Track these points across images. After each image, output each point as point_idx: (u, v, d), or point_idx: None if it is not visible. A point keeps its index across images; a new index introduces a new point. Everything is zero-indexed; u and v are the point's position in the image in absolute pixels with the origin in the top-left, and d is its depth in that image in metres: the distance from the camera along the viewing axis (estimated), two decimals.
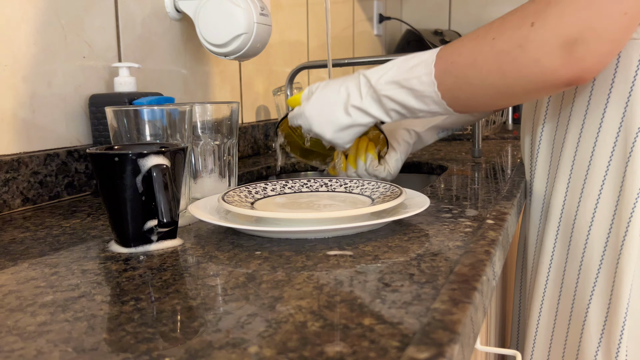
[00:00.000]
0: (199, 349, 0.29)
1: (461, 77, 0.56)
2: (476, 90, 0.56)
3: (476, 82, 0.55)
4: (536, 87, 0.53)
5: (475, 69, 0.55)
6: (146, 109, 0.56)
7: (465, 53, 0.56)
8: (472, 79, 0.56)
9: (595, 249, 0.63)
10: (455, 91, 0.57)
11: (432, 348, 0.29)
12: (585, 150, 0.63)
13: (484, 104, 0.59)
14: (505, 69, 0.53)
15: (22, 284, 0.40)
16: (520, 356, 0.61)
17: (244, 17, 0.81)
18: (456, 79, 0.56)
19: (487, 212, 0.58)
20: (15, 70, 0.66)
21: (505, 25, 0.53)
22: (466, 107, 0.59)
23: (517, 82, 0.53)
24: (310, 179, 0.66)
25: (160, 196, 0.45)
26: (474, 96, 0.57)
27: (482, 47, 0.54)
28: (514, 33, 0.51)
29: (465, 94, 0.57)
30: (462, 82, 0.56)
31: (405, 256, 0.44)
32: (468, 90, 0.57)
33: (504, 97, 0.56)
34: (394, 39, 2.25)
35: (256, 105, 1.24)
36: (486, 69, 0.54)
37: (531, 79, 0.52)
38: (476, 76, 0.55)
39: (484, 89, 0.56)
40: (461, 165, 0.92)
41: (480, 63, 0.54)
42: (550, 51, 0.49)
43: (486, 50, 0.54)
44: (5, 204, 0.64)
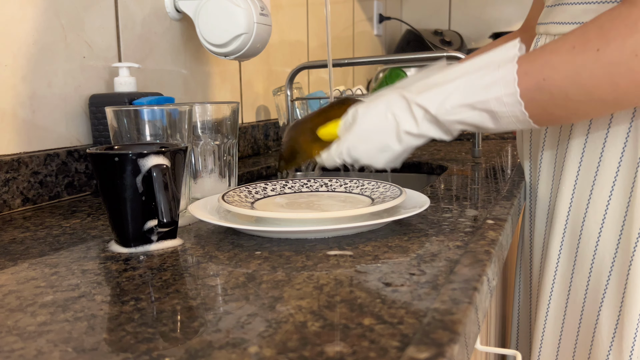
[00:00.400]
0: (199, 349, 0.29)
1: (559, 94, 0.51)
2: (578, 105, 0.52)
3: (579, 98, 0.51)
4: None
5: (579, 85, 0.50)
6: (146, 109, 0.56)
7: (561, 68, 0.51)
8: (574, 95, 0.51)
9: (607, 252, 0.62)
10: (550, 108, 0.52)
11: (432, 348, 0.29)
12: (593, 152, 0.62)
13: (584, 116, 0.55)
14: (618, 81, 0.48)
15: (22, 284, 0.40)
16: (520, 356, 0.61)
17: (244, 17, 0.81)
18: (552, 96, 0.51)
19: (487, 212, 0.58)
20: (15, 70, 0.66)
21: (609, 34, 0.48)
22: (559, 121, 0.56)
23: (631, 93, 0.49)
24: (310, 179, 0.66)
25: (160, 196, 0.45)
26: (574, 112, 0.53)
27: (585, 61, 0.49)
28: (624, 41, 0.47)
29: (562, 110, 0.52)
30: (560, 98, 0.51)
31: (405, 256, 0.44)
32: (567, 106, 0.52)
33: (611, 108, 0.52)
34: (394, 39, 2.25)
35: (256, 105, 1.24)
36: (593, 83, 0.50)
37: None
38: (580, 92, 0.50)
39: (589, 104, 0.51)
40: (461, 165, 0.92)
41: (585, 78, 0.50)
42: None
43: (590, 62, 0.49)
44: (5, 204, 0.64)
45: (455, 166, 0.92)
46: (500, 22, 2.13)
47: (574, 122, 0.57)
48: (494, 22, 2.14)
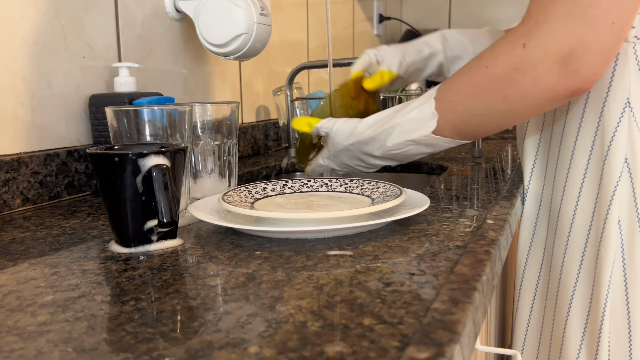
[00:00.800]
0: (199, 349, 0.29)
1: (464, 111, 0.58)
2: (482, 119, 0.58)
3: (480, 112, 0.57)
4: (539, 104, 0.54)
5: (477, 99, 0.56)
6: (146, 109, 0.56)
7: (461, 87, 0.57)
8: (475, 110, 0.57)
9: (577, 245, 0.65)
10: (461, 125, 0.59)
11: (432, 348, 0.29)
12: (566, 149, 0.66)
13: (492, 129, 0.60)
14: (506, 93, 0.54)
15: (22, 284, 0.40)
16: (520, 356, 0.61)
17: (244, 17, 0.81)
18: (458, 114, 0.58)
19: (487, 212, 0.58)
20: (15, 70, 0.66)
21: (495, 51, 0.54)
22: (474, 135, 0.61)
23: (520, 103, 0.54)
24: (310, 179, 0.66)
25: (160, 196, 0.45)
26: (481, 125, 0.59)
27: (478, 78, 0.56)
28: (507, 57, 0.53)
29: (471, 125, 0.59)
30: (466, 115, 0.58)
31: (405, 256, 0.44)
32: (474, 122, 0.58)
33: (510, 119, 0.58)
34: (394, 39, 2.25)
35: (256, 105, 1.24)
36: (488, 97, 0.55)
37: (533, 98, 0.53)
38: (479, 106, 0.57)
39: (489, 117, 0.57)
40: (461, 165, 0.92)
41: (480, 93, 0.56)
42: (546, 69, 0.51)
43: (482, 79, 0.55)
44: (5, 204, 0.64)
45: (455, 166, 0.92)
46: (500, 22, 2.13)
47: (488, 134, 0.62)
48: (494, 22, 2.14)
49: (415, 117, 0.61)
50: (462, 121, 0.59)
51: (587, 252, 0.64)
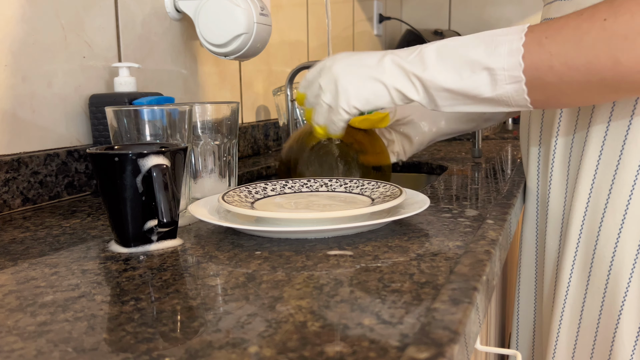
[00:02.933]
0: (199, 349, 0.29)
1: (557, 55, 0.48)
2: (574, 75, 0.48)
3: (577, 66, 0.47)
4: None
5: (579, 50, 0.47)
6: (146, 109, 0.56)
7: (565, 30, 0.48)
8: (572, 60, 0.47)
9: (627, 255, 0.59)
10: (545, 72, 0.49)
11: (432, 348, 0.29)
12: (613, 149, 0.59)
13: (574, 94, 0.50)
14: (619, 56, 0.46)
15: (22, 284, 0.40)
16: (520, 356, 0.61)
17: (244, 17, 0.81)
18: (550, 55, 0.48)
19: (487, 212, 0.58)
20: (15, 70, 0.66)
21: (620, 8, 0.46)
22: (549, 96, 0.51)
23: (631, 75, 0.46)
24: (310, 179, 0.66)
25: (160, 196, 0.45)
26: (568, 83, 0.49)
27: (590, 27, 0.46)
28: (633, 17, 0.45)
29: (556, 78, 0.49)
30: (558, 61, 0.48)
31: (405, 256, 0.44)
32: (562, 73, 0.48)
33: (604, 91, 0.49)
34: (394, 39, 2.25)
35: (256, 105, 1.24)
36: (594, 53, 0.47)
37: None
38: (578, 58, 0.47)
39: (585, 77, 0.48)
40: (461, 165, 0.92)
41: (586, 45, 0.47)
42: None
43: (596, 30, 0.46)
44: (5, 204, 0.64)
45: (455, 166, 0.92)
46: (500, 22, 2.13)
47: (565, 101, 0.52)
48: (494, 22, 2.14)
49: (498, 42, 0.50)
50: (549, 66, 0.48)
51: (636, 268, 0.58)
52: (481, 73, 0.51)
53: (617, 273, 0.60)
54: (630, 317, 0.60)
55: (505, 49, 0.50)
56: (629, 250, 0.59)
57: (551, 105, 0.52)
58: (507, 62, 0.49)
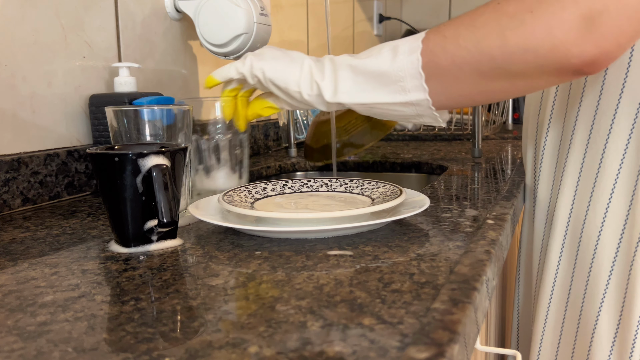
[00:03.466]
0: (199, 349, 0.29)
1: (450, 37, 0.48)
2: (465, 56, 0.48)
3: (468, 44, 0.47)
4: (540, 66, 0.45)
5: (471, 28, 0.47)
6: (146, 109, 0.56)
7: (464, 16, 0.49)
8: (464, 39, 0.47)
9: (606, 254, 0.61)
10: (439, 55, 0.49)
11: (432, 348, 0.29)
12: (595, 153, 0.61)
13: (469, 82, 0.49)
14: (507, 35, 0.45)
15: (22, 284, 0.40)
16: (520, 356, 0.61)
17: (244, 17, 0.81)
18: (443, 38, 0.48)
19: (487, 212, 0.58)
20: (15, 70, 0.66)
21: None
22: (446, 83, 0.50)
23: (519, 54, 0.45)
24: (310, 179, 0.66)
25: (160, 196, 0.45)
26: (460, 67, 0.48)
27: (484, 9, 0.47)
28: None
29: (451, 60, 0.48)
30: (451, 43, 0.48)
31: (405, 256, 0.44)
32: (456, 55, 0.48)
33: (496, 75, 0.48)
34: (394, 39, 2.25)
35: None
36: (484, 30, 0.46)
37: (538, 53, 0.45)
38: (469, 37, 0.47)
39: (475, 57, 0.47)
40: (461, 165, 0.92)
41: (478, 23, 0.47)
42: (567, 21, 0.42)
43: (489, 12, 0.47)
44: (5, 204, 0.64)
45: (455, 166, 0.92)
46: None
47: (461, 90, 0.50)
48: None
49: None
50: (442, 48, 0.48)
51: (617, 260, 0.60)
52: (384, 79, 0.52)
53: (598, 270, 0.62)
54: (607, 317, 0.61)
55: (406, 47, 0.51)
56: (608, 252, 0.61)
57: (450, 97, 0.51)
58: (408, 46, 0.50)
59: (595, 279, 0.62)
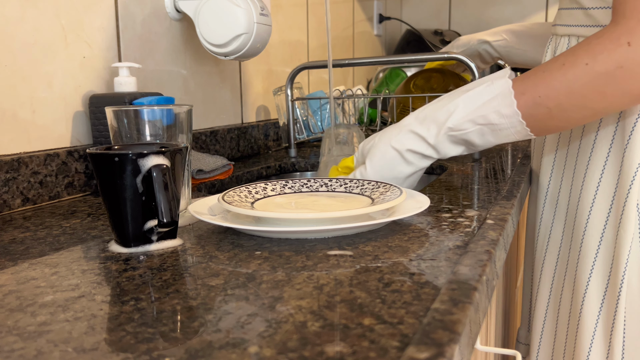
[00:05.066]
0: (199, 349, 0.29)
1: (555, 108, 0.57)
2: (572, 115, 0.58)
3: (573, 108, 0.57)
4: (635, 99, 0.55)
5: (572, 97, 0.56)
6: (146, 109, 0.56)
7: (554, 84, 0.56)
8: (568, 106, 0.57)
9: (595, 228, 0.67)
10: (547, 121, 0.59)
11: (432, 348, 0.29)
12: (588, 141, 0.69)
13: (575, 124, 0.60)
14: (605, 91, 0.55)
15: (22, 284, 0.40)
16: (520, 356, 0.61)
17: (244, 17, 0.81)
18: (549, 110, 0.57)
19: (487, 212, 0.58)
20: (15, 70, 0.66)
21: (595, 49, 0.54)
22: (555, 130, 0.61)
23: (618, 100, 0.55)
24: (310, 179, 0.66)
25: (160, 196, 0.45)
26: (567, 120, 0.59)
27: (575, 74, 0.55)
28: (610, 55, 0.53)
29: (558, 121, 0.59)
30: (557, 111, 0.57)
31: (405, 256, 0.44)
32: (562, 117, 0.58)
33: (598, 114, 0.58)
34: (394, 39, 2.25)
35: (256, 105, 1.24)
36: (584, 94, 0.55)
37: (632, 94, 0.54)
38: (573, 103, 0.56)
39: (581, 112, 0.57)
40: (461, 165, 0.92)
41: (576, 90, 0.56)
42: None
43: (581, 76, 0.55)
44: (5, 204, 0.64)
45: (455, 166, 0.92)
46: (500, 22, 2.13)
47: (569, 129, 0.63)
48: (494, 22, 2.14)
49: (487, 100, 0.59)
50: (549, 117, 0.58)
51: (605, 233, 0.67)
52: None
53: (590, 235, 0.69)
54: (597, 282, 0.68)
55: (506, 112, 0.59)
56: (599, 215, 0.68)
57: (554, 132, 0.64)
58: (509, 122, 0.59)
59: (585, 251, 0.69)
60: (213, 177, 0.85)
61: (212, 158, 0.87)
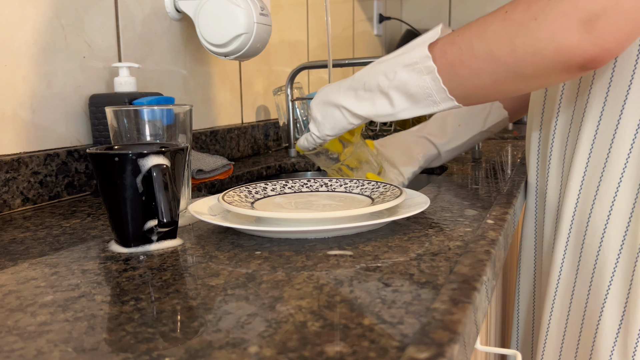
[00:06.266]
0: (199, 349, 0.29)
1: (466, 50, 0.53)
2: (481, 65, 0.53)
3: (482, 54, 0.52)
4: (549, 67, 0.50)
5: (483, 39, 0.52)
6: (146, 109, 0.56)
7: (473, 27, 0.54)
8: (477, 50, 0.53)
9: (611, 249, 0.61)
10: (457, 66, 0.54)
11: (432, 348, 0.29)
12: (602, 147, 0.61)
13: (486, 85, 0.55)
14: (516, 42, 0.50)
15: (22, 284, 0.40)
16: (520, 356, 0.61)
17: (244, 17, 0.81)
18: (460, 50, 0.54)
19: (487, 212, 0.58)
20: (15, 70, 0.66)
21: (520, 0, 0.50)
22: (468, 89, 0.56)
23: (528, 58, 0.50)
24: (310, 179, 0.66)
25: (160, 196, 0.45)
26: (477, 74, 0.54)
27: (493, 20, 0.52)
28: (529, 6, 0.49)
29: (467, 69, 0.54)
30: (466, 55, 0.53)
31: (405, 256, 0.44)
32: (471, 66, 0.54)
33: (511, 78, 0.53)
34: (394, 39, 2.25)
35: (256, 105, 1.24)
36: (495, 40, 0.51)
37: (544, 56, 0.49)
38: (482, 48, 0.52)
39: (490, 65, 0.53)
40: (461, 165, 0.92)
41: (489, 34, 0.52)
42: (568, 26, 0.46)
43: (497, 22, 0.51)
44: (5, 204, 0.64)
45: (455, 166, 0.92)
46: None
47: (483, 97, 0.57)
48: None
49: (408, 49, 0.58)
50: (459, 61, 0.54)
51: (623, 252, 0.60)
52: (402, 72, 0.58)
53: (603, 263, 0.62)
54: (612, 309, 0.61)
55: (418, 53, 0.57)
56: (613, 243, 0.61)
57: (475, 99, 0.57)
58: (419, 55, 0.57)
59: (600, 270, 0.62)
60: (213, 177, 0.85)
61: (212, 158, 0.87)
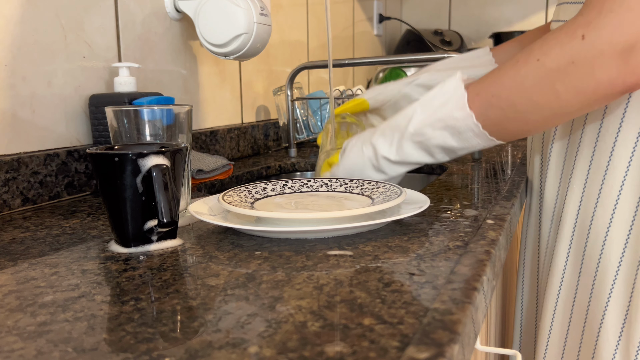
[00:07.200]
0: (199, 349, 0.29)
1: (508, 108, 0.54)
2: (527, 116, 0.54)
3: (526, 108, 0.53)
4: (592, 99, 0.51)
5: (523, 95, 0.53)
6: (146, 109, 0.56)
7: (508, 82, 0.54)
8: (521, 106, 0.53)
9: (614, 252, 0.61)
10: (504, 123, 0.56)
11: (432, 348, 0.29)
12: (603, 152, 0.61)
13: (535, 127, 0.56)
14: (558, 88, 0.51)
15: (22, 284, 0.40)
16: (520, 356, 0.61)
17: (244, 17, 0.81)
18: (502, 110, 0.55)
19: (487, 212, 0.58)
20: (15, 70, 0.66)
21: (549, 44, 0.51)
22: (516, 134, 0.58)
23: (572, 99, 0.51)
24: (310, 179, 0.66)
25: (160, 196, 0.45)
26: (525, 123, 0.55)
27: (527, 71, 0.52)
28: (562, 49, 0.49)
29: (514, 123, 0.55)
30: (510, 112, 0.54)
31: (405, 256, 0.44)
32: (518, 119, 0.55)
33: (558, 116, 0.54)
34: (394, 39, 2.25)
35: (256, 105, 1.24)
36: (536, 91, 0.52)
37: (587, 93, 0.50)
38: (525, 102, 0.53)
39: (535, 114, 0.54)
40: (461, 165, 0.92)
41: (528, 88, 0.52)
42: (606, 62, 0.48)
43: (532, 72, 0.52)
44: (5, 204, 0.64)
45: (455, 166, 0.92)
46: (500, 22, 2.13)
47: (532, 134, 0.59)
48: (494, 22, 2.14)
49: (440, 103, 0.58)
50: (505, 118, 0.55)
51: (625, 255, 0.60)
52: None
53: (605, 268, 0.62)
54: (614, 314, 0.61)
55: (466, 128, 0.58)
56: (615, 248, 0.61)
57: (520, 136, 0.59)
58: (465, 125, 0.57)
59: (602, 275, 0.62)
60: (213, 177, 0.85)
61: (212, 158, 0.87)
